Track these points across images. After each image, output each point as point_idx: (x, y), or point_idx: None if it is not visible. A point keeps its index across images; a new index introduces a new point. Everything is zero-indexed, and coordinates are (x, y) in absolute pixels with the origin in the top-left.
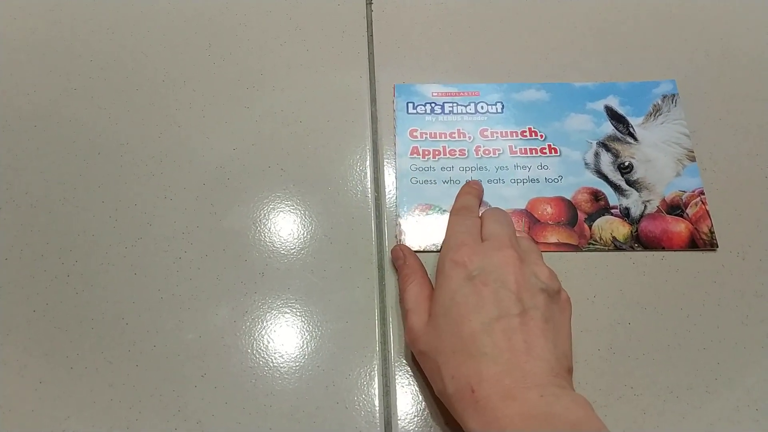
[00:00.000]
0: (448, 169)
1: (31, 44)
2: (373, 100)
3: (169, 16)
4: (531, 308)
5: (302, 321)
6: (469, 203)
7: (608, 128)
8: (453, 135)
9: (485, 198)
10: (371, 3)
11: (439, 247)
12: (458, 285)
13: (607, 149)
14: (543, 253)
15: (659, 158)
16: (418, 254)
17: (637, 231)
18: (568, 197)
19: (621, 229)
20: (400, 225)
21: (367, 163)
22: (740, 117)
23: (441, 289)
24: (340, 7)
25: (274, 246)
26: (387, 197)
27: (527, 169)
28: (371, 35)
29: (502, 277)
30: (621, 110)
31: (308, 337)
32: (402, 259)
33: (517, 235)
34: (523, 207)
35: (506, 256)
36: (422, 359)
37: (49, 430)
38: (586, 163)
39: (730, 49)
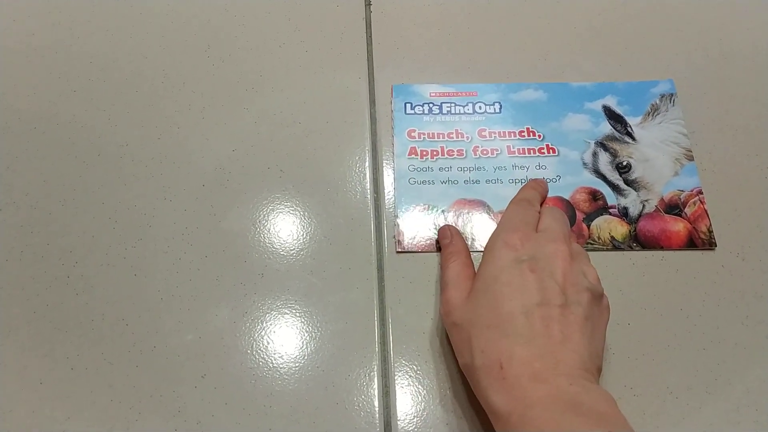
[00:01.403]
0: (446, 169)
1: (31, 46)
2: (372, 101)
3: (168, 17)
4: (573, 303)
5: (302, 322)
6: (530, 196)
7: (606, 128)
8: (451, 135)
9: (485, 198)
10: (370, 4)
11: (437, 248)
12: (505, 265)
13: (605, 149)
14: None
15: (657, 158)
16: (416, 255)
17: (635, 230)
18: (566, 197)
19: (619, 229)
20: (398, 225)
21: (366, 164)
22: (738, 116)
23: (487, 265)
24: (339, 8)
25: (273, 247)
26: (386, 198)
27: (525, 169)
28: (370, 36)
29: (550, 267)
30: (619, 110)
31: (308, 338)
32: (449, 238)
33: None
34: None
35: (558, 249)
36: (454, 331)
37: (50, 430)
38: (584, 163)
39: (727, 48)
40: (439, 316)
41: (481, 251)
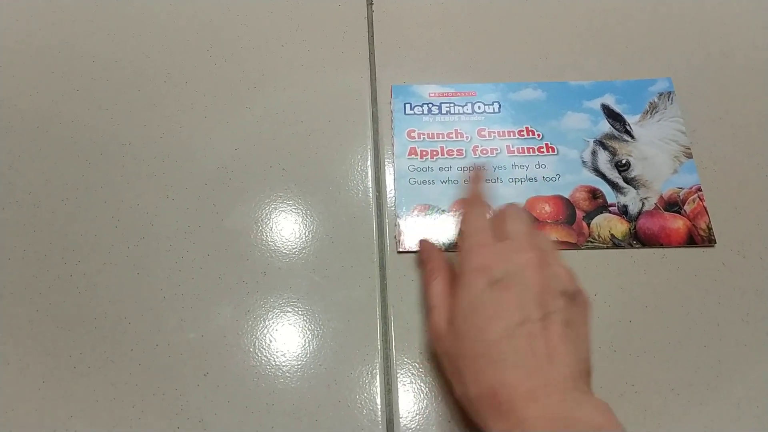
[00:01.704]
0: (446, 169)
1: (33, 46)
2: (374, 100)
3: (171, 17)
4: (552, 312)
5: (304, 320)
6: (478, 191)
7: (605, 126)
8: (450, 135)
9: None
10: (372, 3)
11: (438, 248)
12: (480, 290)
13: (604, 147)
14: None
15: (656, 155)
16: (417, 254)
17: (635, 228)
18: (566, 195)
19: (619, 227)
20: (399, 225)
21: (368, 162)
22: (736, 114)
23: (462, 292)
24: (341, 7)
25: (275, 245)
26: (388, 196)
27: (525, 168)
28: (372, 36)
29: (524, 280)
30: (617, 108)
31: (310, 336)
32: (428, 252)
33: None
34: (522, 206)
35: (527, 258)
36: (444, 360)
37: (52, 429)
38: (583, 162)
39: (725, 47)
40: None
41: None
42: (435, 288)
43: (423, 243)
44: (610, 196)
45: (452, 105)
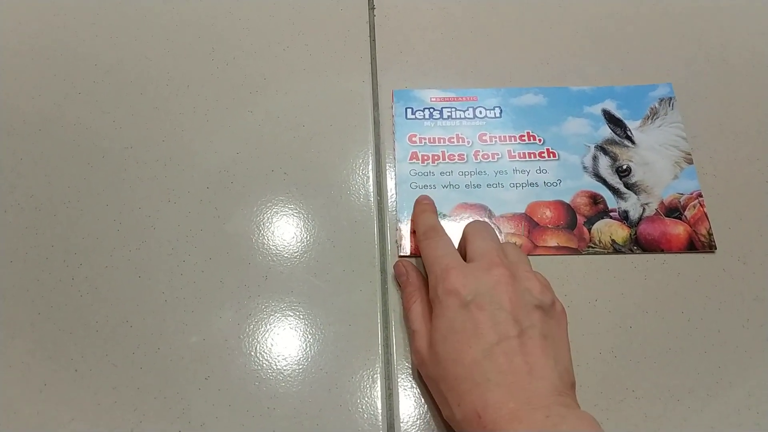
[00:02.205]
0: (448, 173)
1: (35, 48)
2: (376, 105)
3: (173, 20)
4: (528, 327)
5: (305, 324)
6: (431, 222)
7: (606, 132)
8: (452, 140)
9: (486, 203)
10: (374, 8)
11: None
12: (454, 313)
13: (605, 152)
14: (543, 257)
15: (657, 161)
16: (419, 258)
17: (636, 234)
18: (567, 201)
19: (620, 232)
20: (400, 230)
21: (370, 167)
22: (737, 120)
23: (438, 318)
24: (343, 12)
25: (277, 249)
26: (389, 201)
27: (526, 173)
28: (374, 40)
29: (496, 298)
30: (618, 114)
31: (311, 340)
32: (405, 275)
33: (501, 242)
34: (523, 211)
35: (498, 275)
36: (429, 384)
37: None
38: (584, 167)
39: (726, 52)
40: None
41: None
42: (415, 311)
43: (398, 265)
44: (611, 201)
45: (453, 110)
